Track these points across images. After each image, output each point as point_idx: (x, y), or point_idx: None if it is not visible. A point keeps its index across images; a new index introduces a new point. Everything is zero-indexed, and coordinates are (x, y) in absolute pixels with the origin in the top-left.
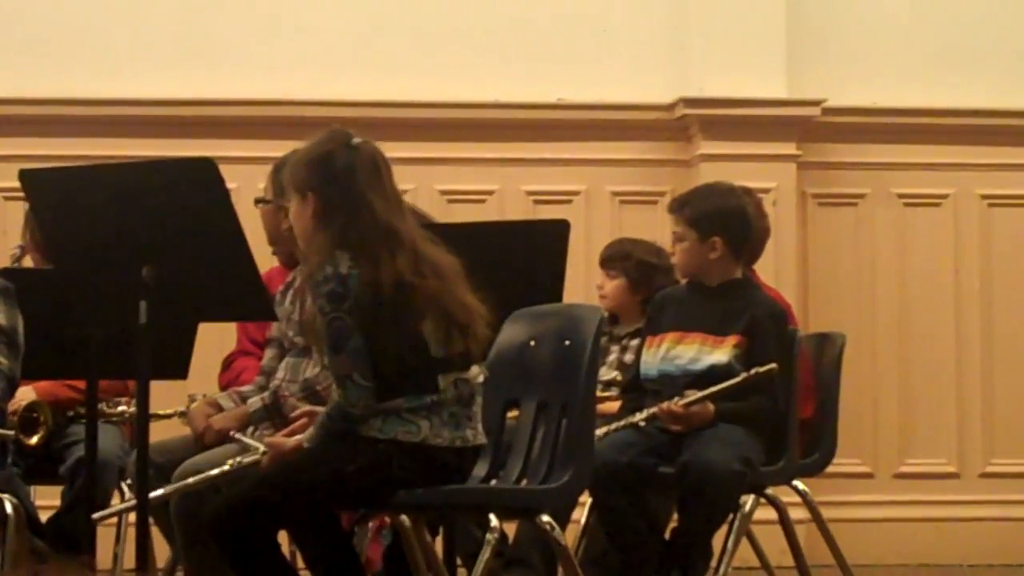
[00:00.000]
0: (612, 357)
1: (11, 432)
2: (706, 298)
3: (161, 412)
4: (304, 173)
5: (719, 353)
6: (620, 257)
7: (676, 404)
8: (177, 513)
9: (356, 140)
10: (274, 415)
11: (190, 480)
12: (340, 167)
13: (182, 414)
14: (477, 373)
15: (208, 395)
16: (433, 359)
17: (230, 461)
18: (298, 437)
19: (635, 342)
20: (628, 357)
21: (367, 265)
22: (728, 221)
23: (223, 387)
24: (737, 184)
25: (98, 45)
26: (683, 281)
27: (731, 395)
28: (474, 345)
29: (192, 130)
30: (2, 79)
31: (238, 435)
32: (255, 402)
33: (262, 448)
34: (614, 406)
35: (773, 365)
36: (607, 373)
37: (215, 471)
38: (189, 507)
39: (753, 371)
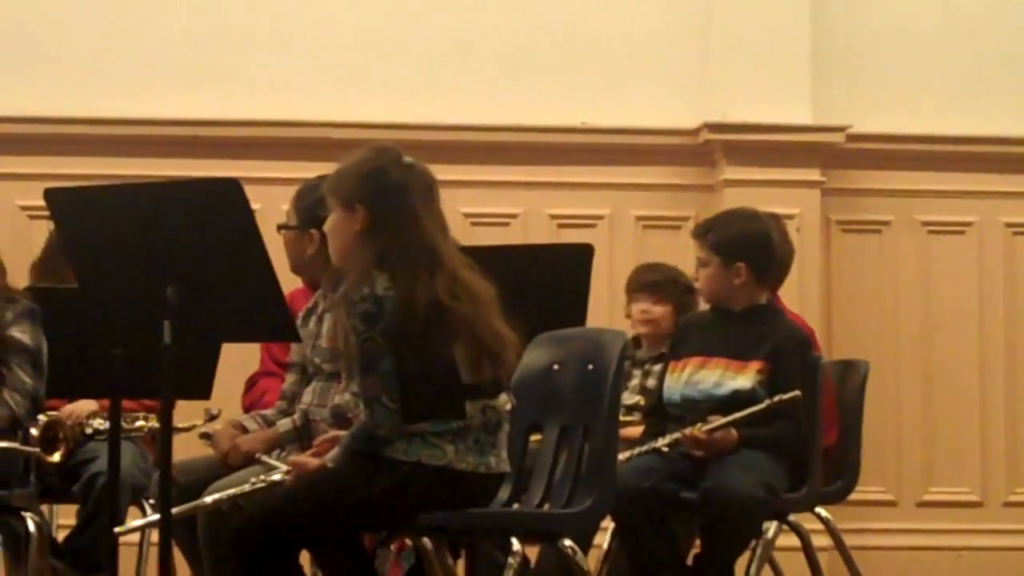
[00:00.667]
0: (635, 382)
1: (36, 449)
2: (730, 323)
3: (180, 426)
4: (353, 185)
5: (742, 379)
6: (669, 283)
7: (699, 430)
8: (205, 534)
9: (408, 159)
10: (304, 437)
11: (209, 498)
12: (394, 183)
13: (206, 435)
14: (505, 401)
15: (224, 414)
16: (462, 385)
17: (252, 480)
18: (322, 457)
19: (658, 367)
20: (651, 382)
21: (404, 284)
22: (752, 246)
23: (246, 408)
24: (762, 209)
25: (123, 65)
26: (706, 306)
27: (754, 421)
28: (503, 373)
29: (217, 150)
30: (27, 98)
31: (264, 457)
32: (285, 423)
33: (285, 468)
34: (636, 431)
35: (796, 393)
36: (629, 398)
37: (236, 490)
38: (216, 528)
39: (776, 398)
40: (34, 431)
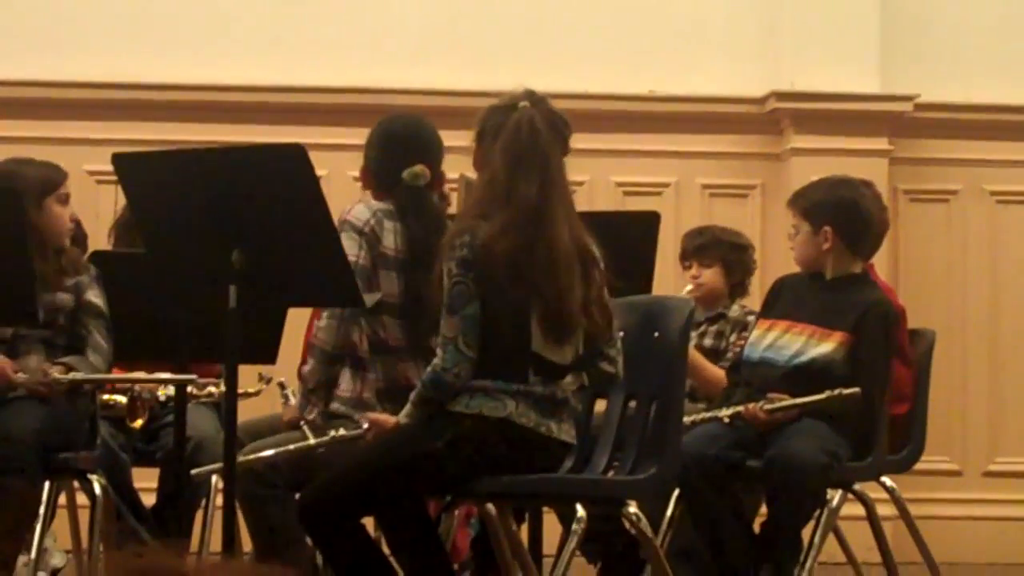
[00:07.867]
0: (691, 344)
1: (121, 407)
2: (821, 290)
3: (245, 390)
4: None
5: (824, 346)
6: (713, 244)
7: (761, 408)
8: (243, 496)
9: (523, 103)
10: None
11: (279, 450)
12: (488, 125)
13: (281, 385)
14: (571, 383)
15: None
16: (531, 352)
17: (333, 433)
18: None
19: (714, 327)
20: (707, 341)
21: (489, 229)
22: (839, 211)
23: None
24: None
25: (191, 31)
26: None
27: (818, 386)
28: (569, 339)
29: (283, 116)
30: (95, 64)
31: (305, 425)
32: None
33: (313, 441)
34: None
35: (856, 390)
36: None
37: (307, 443)
38: (254, 489)
39: (837, 391)
40: (119, 398)
